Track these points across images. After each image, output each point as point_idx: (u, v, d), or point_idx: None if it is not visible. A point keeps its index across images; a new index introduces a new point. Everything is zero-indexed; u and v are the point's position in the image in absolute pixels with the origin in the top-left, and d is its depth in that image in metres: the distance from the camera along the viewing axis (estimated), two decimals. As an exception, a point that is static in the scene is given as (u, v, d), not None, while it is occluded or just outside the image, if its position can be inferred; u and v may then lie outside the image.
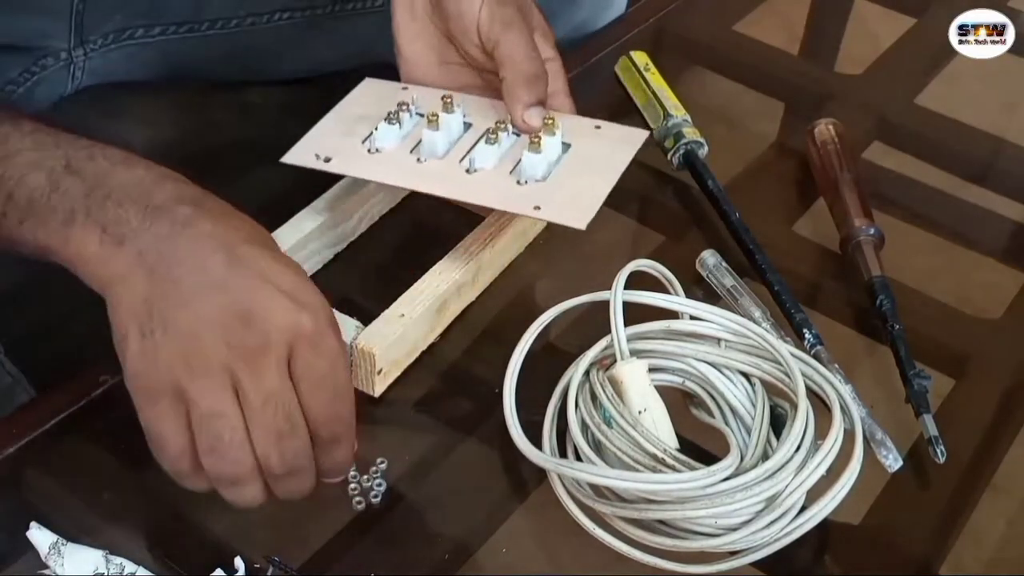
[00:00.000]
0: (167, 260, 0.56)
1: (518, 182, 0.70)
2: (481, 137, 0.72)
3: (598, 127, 0.74)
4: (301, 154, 0.73)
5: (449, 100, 0.73)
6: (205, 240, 0.57)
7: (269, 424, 0.55)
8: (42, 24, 0.83)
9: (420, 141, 0.72)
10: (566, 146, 0.72)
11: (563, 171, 0.71)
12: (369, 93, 0.77)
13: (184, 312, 0.55)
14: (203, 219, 0.57)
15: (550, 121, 0.72)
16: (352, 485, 0.62)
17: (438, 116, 0.72)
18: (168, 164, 0.92)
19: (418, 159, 0.72)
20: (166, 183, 0.59)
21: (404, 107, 0.73)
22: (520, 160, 0.70)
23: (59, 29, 0.83)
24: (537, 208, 0.68)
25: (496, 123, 0.72)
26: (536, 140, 0.70)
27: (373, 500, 0.62)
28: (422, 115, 0.74)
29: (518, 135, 0.73)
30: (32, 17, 0.81)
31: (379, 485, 0.62)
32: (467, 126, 0.74)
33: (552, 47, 0.75)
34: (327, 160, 0.72)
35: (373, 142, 0.72)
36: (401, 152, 0.72)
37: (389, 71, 0.80)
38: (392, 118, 0.72)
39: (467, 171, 0.71)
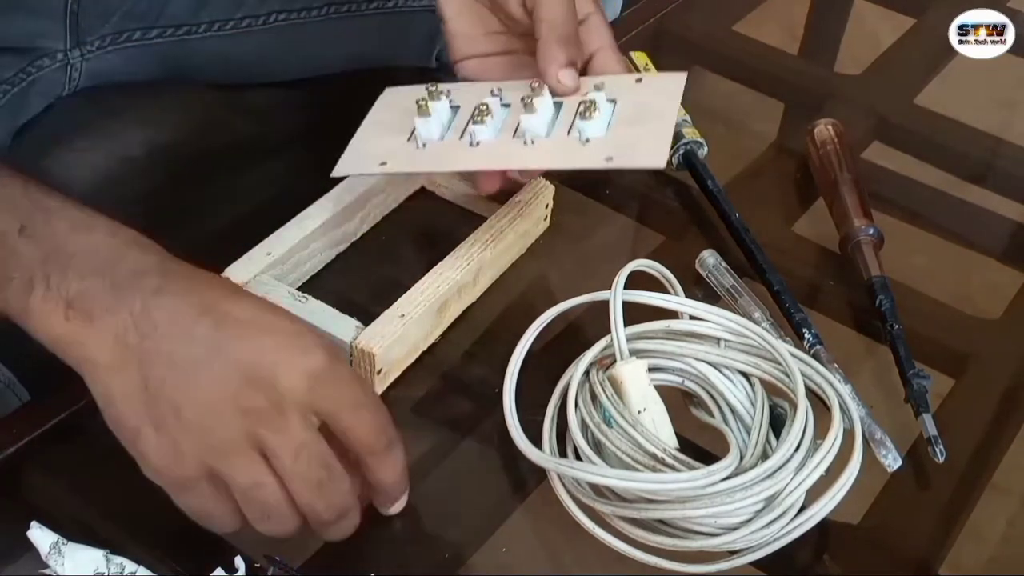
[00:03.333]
0: (151, 336, 0.53)
1: (581, 142, 0.69)
2: (522, 111, 0.70)
3: (639, 80, 0.73)
4: (351, 164, 0.72)
5: (498, 91, 0.72)
6: (184, 307, 0.54)
7: (306, 477, 0.54)
8: (36, 25, 0.83)
9: (466, 130, 0.71)
10: (612, 102, 0.71)
11: (619, 123, 0.70)
12: (393, 100, 0.76)
13: (190, 393, 0.53)
14: (174, 287, 0.55)
15: (600, 83, 0.71)
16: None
17: (488, 106, 0.70)
18: (168, 167, 0.93)
19: (470, 143, 0.70)
20: (129, 251, 0.56)
21: (433, 95, 0.72)
22: (574, 123, 0.69)
23: (54, 30, 0.83)
24: (609, 159, 0.67)
25: (523, 96, 0.70)
26: (592, 106, 0.68)
27: None
28: (457, 107, 0.73)
29: (559, 103, 0.71)
30: (25, 17, 0.81)
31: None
32: (506, 107, 0.73)
33: (593, 2, 0.74)
34: (383, 164, 0.71)
35: (418, 139, 0.71)
36: (450, 142, 0.71)
37: (384, 74, 0.80)
38: (423, 111, 0.70)
39: (524, 144, 0.69)
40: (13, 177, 0.57)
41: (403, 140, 0.72)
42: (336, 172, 0.71)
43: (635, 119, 0.70)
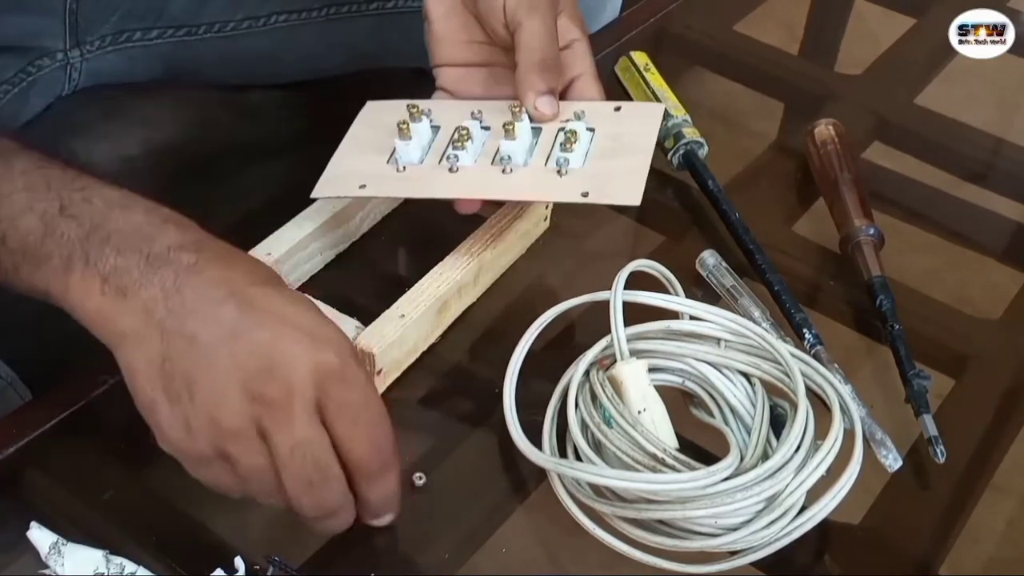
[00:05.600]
0: (177, 313, 0.54)
1: (558, 173, 0.70)
2: (502, 136, 0.72)
3: (618, 108, 0.74)
4: (330, 186, 0.72)
5: (478, 113, 0.73)
6: (213, 287, 0.55)
7: (299, 474, 0.54)
8: (36, 24, 0.83)
9: (445, 153, 0.72)
10: (591, 131, 0.72)
11: (597, 155, 0.71)
12: (374, 116, 0.76)
13: (205, 372, 0.54)
14: (208, 265, 0.56)
15: (580, 112, 0.72)
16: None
17: (468, 130, 0.71)
18: (168, 167, 0.93)
19: (450, 169, 0.71)
20: (166, 228, 0.57)
21: (414, 116, 0.73)
22: (553, 151, 0.71)
23: (54, 30, 0.83)
24: (585, 194, 0.68)
25: (505, 123, 0.72)
26: (572, 136, 0.70)
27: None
28: (437, 127, 0.74)
29: (538, 128, 0.72)
30: (25, 17, 0.81)
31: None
32: (486, 130, 0.74)
33: (579, 28, 0.75)
34: (362, 187, 0.71)
35: (398, 161, 0.72)
36: (429, 166, 0.71)
37: (384, 74, 0.80)
38: (404, 134, 0.71)
39: (503, 171, 0.71)
40: (51, 160, 0.59)
41: (383, 161, 0.72)
42: (315, 194, 0.72)
43: (613, 151, 0.71)
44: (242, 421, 0.53)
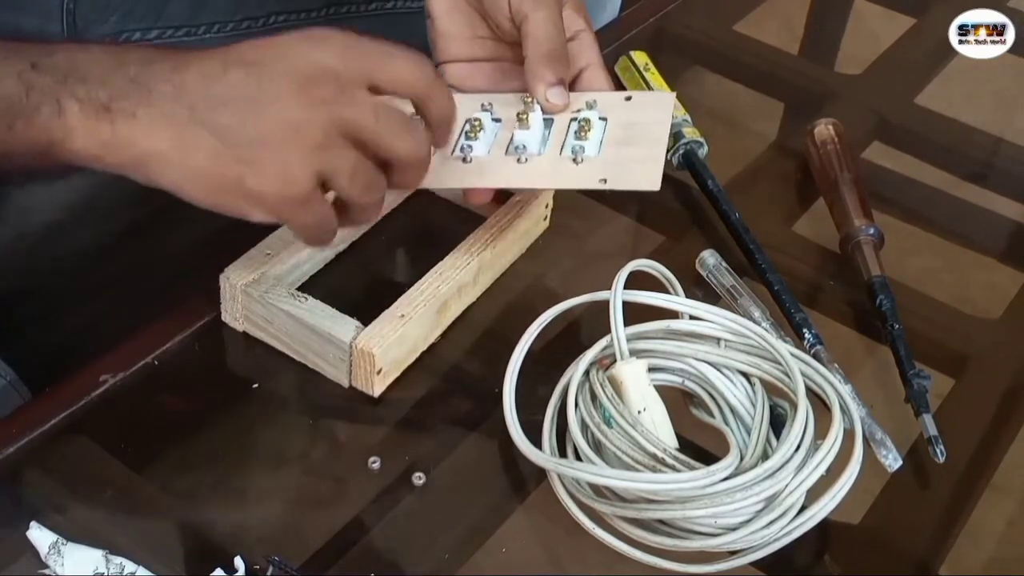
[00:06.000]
0: (199, 103, 0.57)
1: (574, 161, 0.70)
2: (515, 126, 0.72)
3: (629, 98, 0.74)
4: None
5: (488, 105, 0.73)
6: (206, 67, 0.58)
7: (391, 128, 0.60)
8: (33, 23, 0.82)
9: (458, 144, 0.72)
10: (603, 120, 0.72)
11: (611, 142, 0.71)
12: None
13: (268, 120, 0.57)
14: (182, 60, 0.58)
15: (592, 101, 0.72)
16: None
17: (480, 121, 0.71)
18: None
19: (463, 159, 0.71)
20: (127, 52, 0.59)
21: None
22: (567, 140, 0.71)
23: (51, 30, 0.83)
24: (603, 180, 0.68)
25: (518, 112, 0.71)
26: (586, 125, 0.70)
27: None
28: None
29: (550, 119, 0.72)
30: (22, 15, 0.81)
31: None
32: (497, 121, 0.74)
33: (583, 19, 0.75)
34: None
35: None
36: (442, 157, 0.71)
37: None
38: None
39: (518, 161, 0.71)
40: (10, 39, 0.60)
41: None
42: None
43: (627, 140, 0.71)
44: (324, 125, 0.58)
